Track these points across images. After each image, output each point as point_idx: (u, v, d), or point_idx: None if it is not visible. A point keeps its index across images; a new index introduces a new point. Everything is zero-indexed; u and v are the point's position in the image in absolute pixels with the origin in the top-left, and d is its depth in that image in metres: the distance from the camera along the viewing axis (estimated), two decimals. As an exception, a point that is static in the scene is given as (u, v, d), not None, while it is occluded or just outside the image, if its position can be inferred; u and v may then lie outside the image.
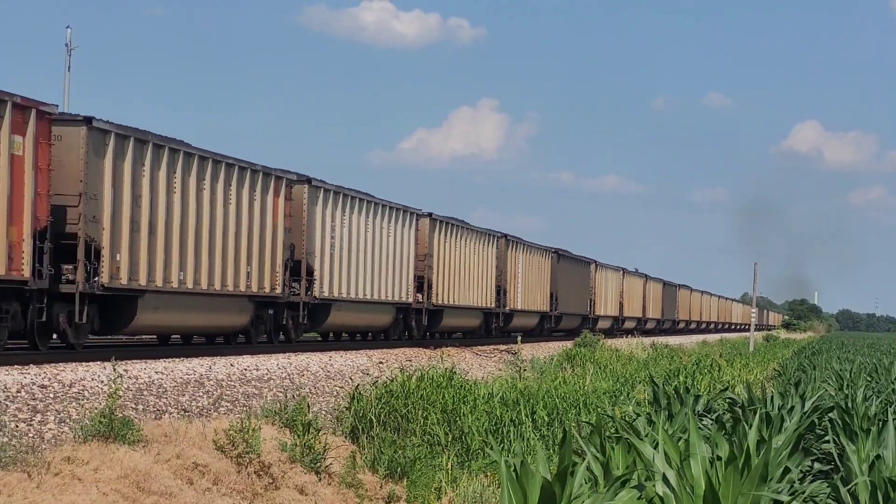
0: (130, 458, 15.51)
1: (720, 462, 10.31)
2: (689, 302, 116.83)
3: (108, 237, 26.70)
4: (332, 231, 38.29)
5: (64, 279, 25.71)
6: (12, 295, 24.14)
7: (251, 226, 32.90)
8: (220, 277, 31.36)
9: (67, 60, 63.43)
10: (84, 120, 26.06)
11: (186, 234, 29.82)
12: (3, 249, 23.42)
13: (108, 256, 26.65)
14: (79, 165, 25.87)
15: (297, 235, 35.91)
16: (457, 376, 25.27)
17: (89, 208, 26.09)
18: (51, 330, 26.00)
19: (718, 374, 34.88)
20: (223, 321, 32.54)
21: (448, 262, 49.32)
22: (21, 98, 23.72)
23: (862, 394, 20.06)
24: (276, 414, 19.78)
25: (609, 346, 48.87)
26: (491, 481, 18.89)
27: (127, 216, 27.39)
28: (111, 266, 26.77)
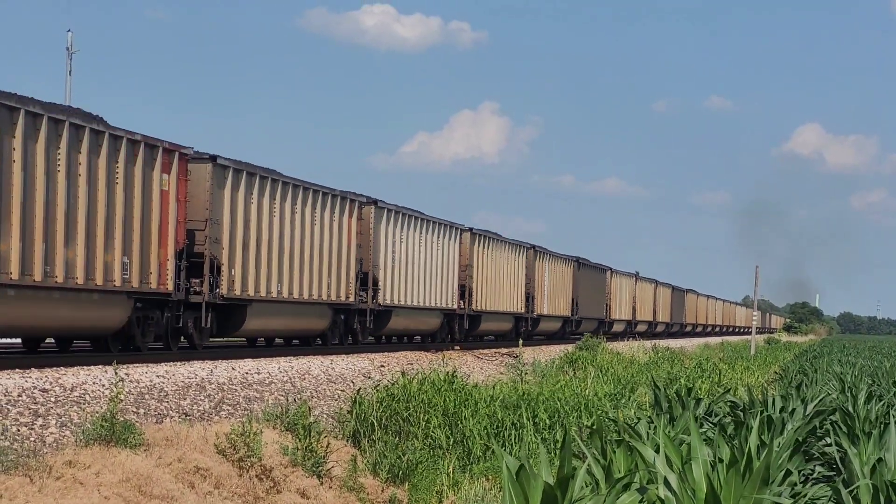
0: (132, 461, 15.52)
1: (721, 465, 10.31)
2: (696, 306, 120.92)
3: (227, 256, 31.61)
4: (394, 246, 42.84)
5: (192, 291, 30.48)
6: (157, 305, 29.09)
7: (331, 243, 37.67)
8: (308, 287, 35.99)
9: (69, 64, 63.55)
10: (210, 158, 30.76)
11: (283, 252, 34.62)
12: (155, 268, 28.38)
13: (226, 272, 31.53)
14: (205, 196, 30.77)
15: (365, 250, 40.62)
16: (458, 380, 25.27)
17: (213, 231, 31.02)
18: (180, 333, 30.46)
19: (720, 378, 34.85)
20: (309, 325, 37.40)
21: (485, 271, 53.97)
22: (168, 143, 28.89)
23: (864, 397, 20.07)
24: (278, 418, 19.79)
25: (610, 350, 48.85)
26: (492, 485, 18.90)
27: (240, 238, 32.21)
28: (228, 279, 31.60)
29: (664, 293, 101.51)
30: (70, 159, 25.25)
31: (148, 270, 28.01)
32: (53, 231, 24.67)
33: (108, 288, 26.48)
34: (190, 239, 30.27)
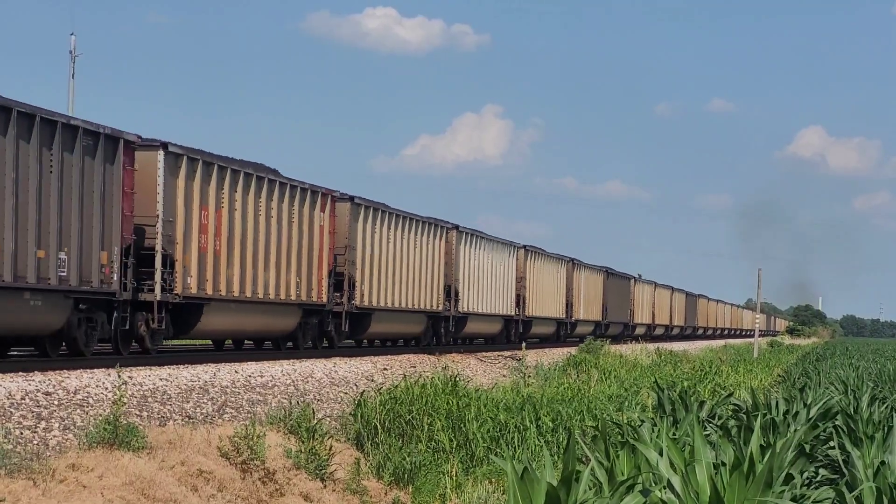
0: (135, 464, 15.52)
1: (724, 468, 10.30)
2: (707, 310, 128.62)
3: (359, 273, 36.45)
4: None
5: (333, 302, 36.44)
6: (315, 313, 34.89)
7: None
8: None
9: (72, 67, 63.55)
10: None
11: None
12: (315, 284, 34.58)
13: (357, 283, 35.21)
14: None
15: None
16: (461, 383, 25.27)
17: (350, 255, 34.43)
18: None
19: (723, 380, 34.83)
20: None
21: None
22: (324, 189, 36.19)
23: (867, 399, 20.05)
24: (281, 420, 19.79)
25: (613, 352, 48.82)
26: (496, 487, 18.89)
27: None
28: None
29: (679, 298, 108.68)
30: (267, 206, 33.29)
31: (311, 287, 34.96)
32: (261, 259, 32.79)
33: (286, 301, 34.43)
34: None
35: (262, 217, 33.23)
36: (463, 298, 49.90)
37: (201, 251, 30.18)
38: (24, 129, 23.62)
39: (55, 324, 25.17)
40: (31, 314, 24.19)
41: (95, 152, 25.92)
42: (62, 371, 22.53)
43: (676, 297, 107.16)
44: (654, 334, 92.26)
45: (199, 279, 30.07)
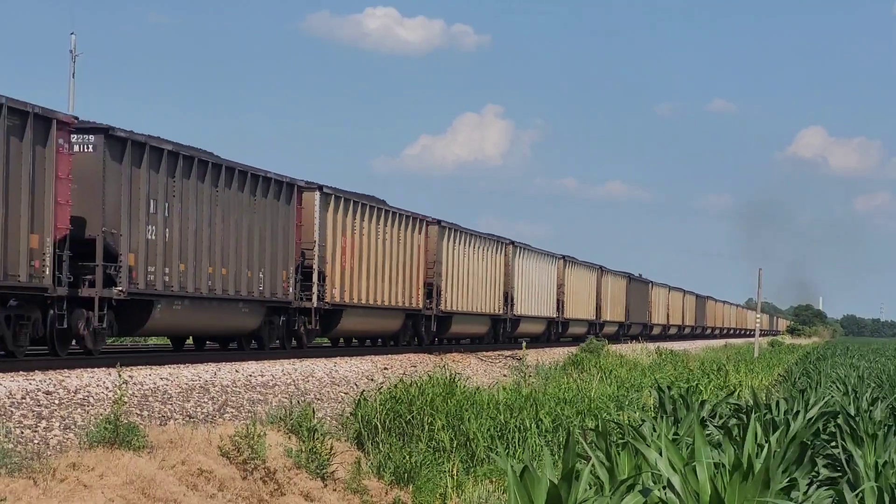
0: (136, 464, 15.51)
1: (724, 468, 10.30)
2: (714, 311, 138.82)
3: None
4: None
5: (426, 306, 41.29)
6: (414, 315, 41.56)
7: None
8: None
9: (72, 66, 63.49)
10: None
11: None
12: (415, 293, 42.12)
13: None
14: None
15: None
16: (461, 382, 25.27)
17: (437, 269, 32.23)
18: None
19: (724, 380, 34.82)
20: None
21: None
22: (421, 216, 43.65)
23: (867, 399, 20.05)
24: (282, 420, 19.78)
25: (614, 352, 48.81)
26: (496, 487, 18.89)
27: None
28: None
29: (690, 300, 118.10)
30: (378, 230, 41.07)
31: (411, 296, 43.47)
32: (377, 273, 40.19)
33: (392, 306, 42.87)
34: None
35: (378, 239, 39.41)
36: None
37: (342, 268, 37.43)
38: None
39: (253, 325, 33.45)
40: (242, 317, 32.70)
41: (280, 196, 34.45)
42: (63, 370, 22.52)
43: (688, 298, 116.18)
44: (668, 333, 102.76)
45: (340, 290, 37.22)
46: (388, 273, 42.31)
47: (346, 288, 38.53)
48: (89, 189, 26.35)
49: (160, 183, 28.59)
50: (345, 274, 38.52)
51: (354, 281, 39.29)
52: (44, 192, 24.21)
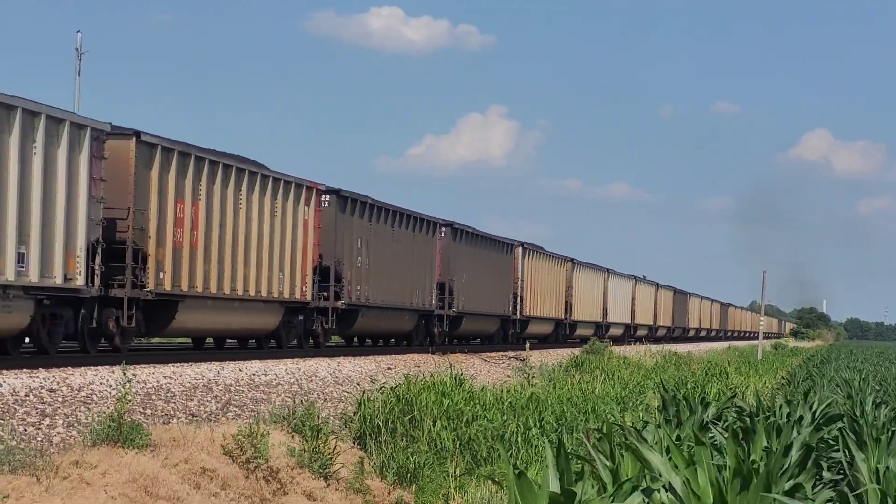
0: (138, 462, 15.51)
1: (727, 470, 10.29)
2: (734, 316, 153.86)
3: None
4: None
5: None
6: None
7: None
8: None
9: (78, 64, 63.45)
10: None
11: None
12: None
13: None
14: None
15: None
16: (465, 383, 25.27)
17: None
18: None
19: (727, 382, 34.81)
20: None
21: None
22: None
23: (871, 403, 20.04)
24: (285, 419, 19.78)
25: (617, 354, 48.79)
26: (499, 488, 18.87)
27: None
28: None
29: (716, 308, 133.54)
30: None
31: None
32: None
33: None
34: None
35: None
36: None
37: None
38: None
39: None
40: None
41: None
42: (66, 368, 22.54)
43: (714, 306, 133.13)
44: (687, 335, 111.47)
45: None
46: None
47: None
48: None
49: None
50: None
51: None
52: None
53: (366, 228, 39.92)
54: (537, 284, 61.74)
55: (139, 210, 27.70)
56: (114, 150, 26.88)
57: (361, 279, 39.47)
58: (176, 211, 29.08)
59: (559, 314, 67.43)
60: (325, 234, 37.07)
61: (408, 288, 43.79)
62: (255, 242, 32.87)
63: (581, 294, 70.95)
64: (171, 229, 28.85)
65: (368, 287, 39.99)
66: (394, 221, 42.57)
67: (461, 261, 49.53)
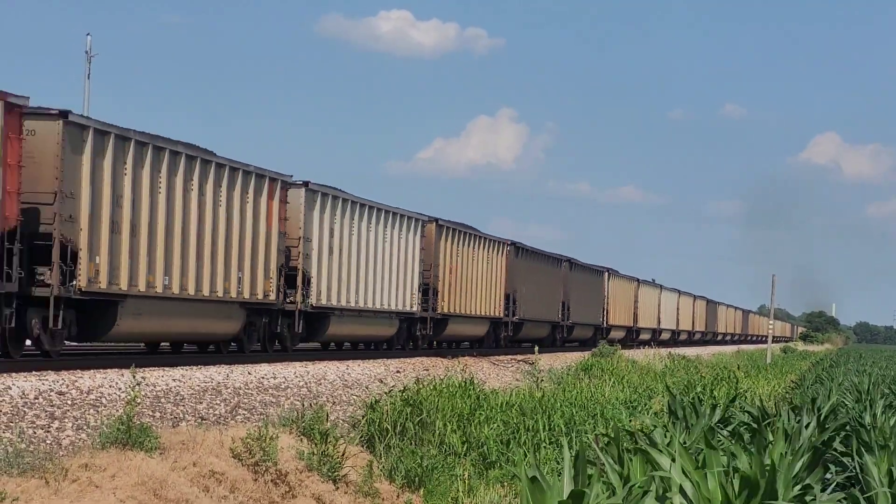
0: (147, 465, 15.52)
1: (736, 474, 10.29)
2: (753, 322, 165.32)
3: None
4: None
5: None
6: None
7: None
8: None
9: (87, 67, 63.62)
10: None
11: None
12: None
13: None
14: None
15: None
16: (474, 386, 25.27)
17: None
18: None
19: (736, 386, 34.76)
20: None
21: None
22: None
23: (881, 407, 20.01)
24: (294, 422, 19.78)
25: (626, 357, 48.76)
26: (507, 491, 18.87)
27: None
28: None
29: (738, 314, 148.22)
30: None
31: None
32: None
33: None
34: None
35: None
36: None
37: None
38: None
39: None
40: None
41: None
42: (75, 371, 22.56)
43: (738, 313, 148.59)
44: (724, 340, 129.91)
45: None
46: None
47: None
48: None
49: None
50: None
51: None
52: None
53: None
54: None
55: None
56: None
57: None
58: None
59: (653, 325, 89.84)
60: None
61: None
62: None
63: (645, 307, 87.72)
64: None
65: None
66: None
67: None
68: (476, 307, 50.70)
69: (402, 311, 42.86)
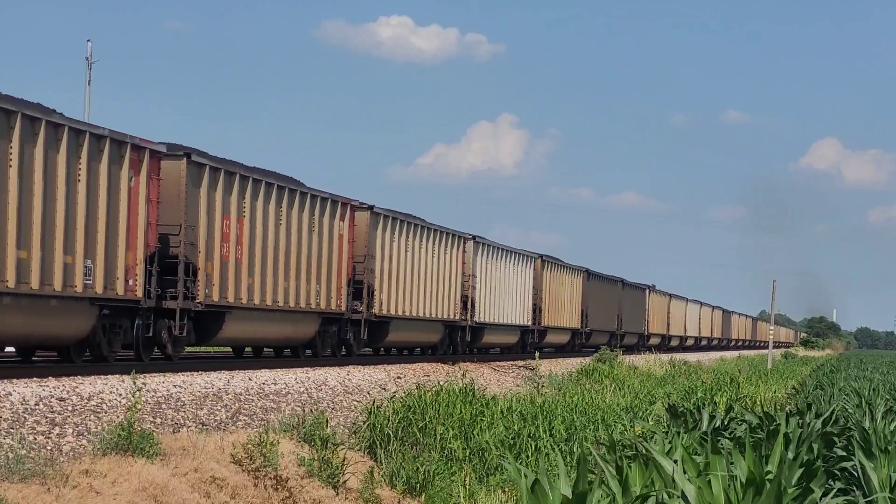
0: (148, 471, 15.53)
1: (737, 481, 10.28)
2: (760, 328, 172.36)
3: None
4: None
5: None
6: None
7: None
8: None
9: (88, 73, 63.66)
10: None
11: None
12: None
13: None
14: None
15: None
16: (475, 392, 25.27)
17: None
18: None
19: (737, 392, 34.75)
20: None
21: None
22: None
23: (881, 412, 19.99)
24: (294, 428, 19.79)
25: (627, 363, 48.76)
26: (509, 497, 18.86)
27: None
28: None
29: (749, 322, 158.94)
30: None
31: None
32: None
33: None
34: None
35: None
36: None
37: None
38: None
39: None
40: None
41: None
42: (76, 377, 22.56)
43: (748, 321, 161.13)
44: (737, 345, 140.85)
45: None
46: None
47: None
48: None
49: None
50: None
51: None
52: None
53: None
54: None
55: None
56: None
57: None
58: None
59: (663, 330, 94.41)
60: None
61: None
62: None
63: (675, 317, 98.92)
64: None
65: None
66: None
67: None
68: (561, 319, 62.73)
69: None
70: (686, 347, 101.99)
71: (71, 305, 24.58)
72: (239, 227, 30.95)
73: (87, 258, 24.90)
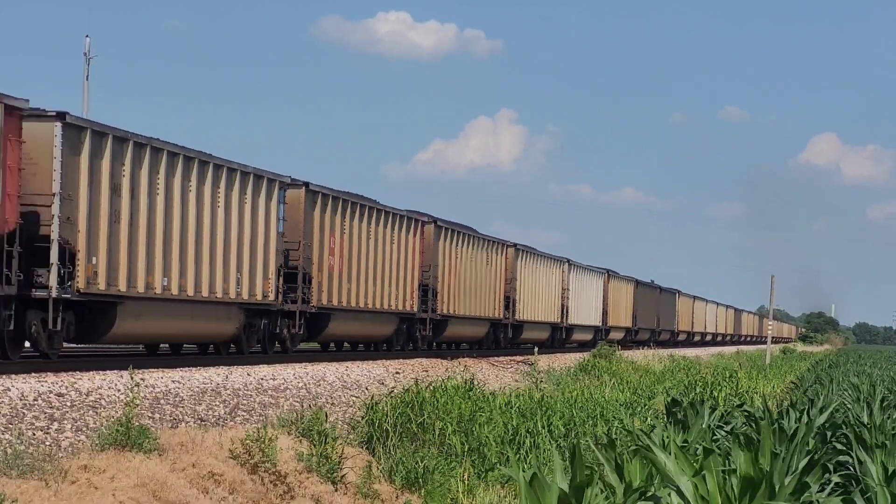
0: (147, 466, 15.54)
1: (734, 475, 10.30)
2: (765, 324, 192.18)
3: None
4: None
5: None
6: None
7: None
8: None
9: (86, 69, 63.59)
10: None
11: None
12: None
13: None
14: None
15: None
16: (474, 387, 25.27)
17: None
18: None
19: (736, 387, 34.79)
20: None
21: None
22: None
23: (879, 407, 20.02)
24: (293, 423, 19.79)
25: (626, 358, 48.78)
26: (507, 492, 18.88)
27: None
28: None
29: (756, 319, 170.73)
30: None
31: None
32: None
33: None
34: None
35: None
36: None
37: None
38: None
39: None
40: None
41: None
42: (74, 372, 22.54)
43: (755, 318, 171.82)
44: (745, 340, 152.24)
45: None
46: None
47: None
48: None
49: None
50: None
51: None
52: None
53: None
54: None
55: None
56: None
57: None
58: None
59: (688, 328, 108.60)
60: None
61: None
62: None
63: (697, 316, 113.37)
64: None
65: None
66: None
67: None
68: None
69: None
70: (706, 342, 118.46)
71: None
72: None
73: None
